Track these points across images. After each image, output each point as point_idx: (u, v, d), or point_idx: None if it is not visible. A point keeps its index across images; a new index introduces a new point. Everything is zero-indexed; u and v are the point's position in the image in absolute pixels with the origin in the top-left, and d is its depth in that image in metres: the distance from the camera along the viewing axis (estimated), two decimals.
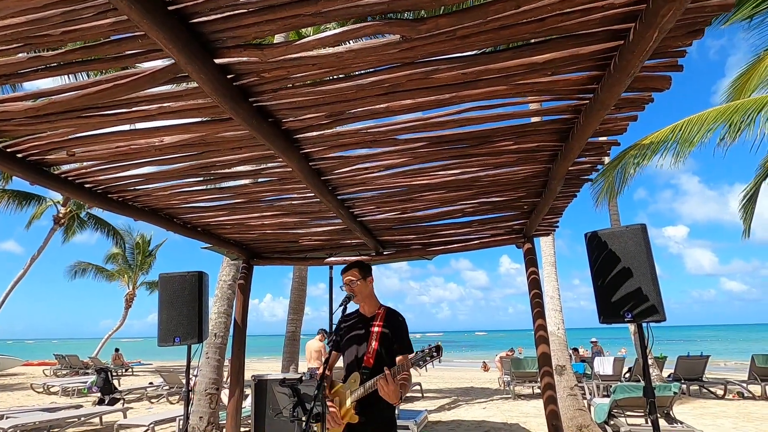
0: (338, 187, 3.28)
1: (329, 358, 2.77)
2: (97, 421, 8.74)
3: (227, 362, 7.83)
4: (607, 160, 10.01)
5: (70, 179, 3.00)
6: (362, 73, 1.99)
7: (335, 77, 2.02)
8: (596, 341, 15.52)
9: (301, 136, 2.51)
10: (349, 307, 2.77)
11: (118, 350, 20.21)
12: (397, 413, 3.71)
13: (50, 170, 2.87)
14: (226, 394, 6.32)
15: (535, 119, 2.57)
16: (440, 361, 2.52)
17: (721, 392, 10.77)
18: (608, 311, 3.04)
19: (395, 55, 1.83)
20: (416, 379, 13.39)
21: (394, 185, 3.29)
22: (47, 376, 19.45)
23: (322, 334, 10.40)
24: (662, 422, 6.39)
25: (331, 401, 2.69)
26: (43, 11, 1.56)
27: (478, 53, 1.91)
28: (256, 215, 3.89)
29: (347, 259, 4.92)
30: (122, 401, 10.76)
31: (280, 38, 7.11)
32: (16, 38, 1.69)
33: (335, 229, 4.30)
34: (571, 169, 2.95)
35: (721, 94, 9.85)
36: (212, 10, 1.59)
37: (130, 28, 1.62)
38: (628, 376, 11.54)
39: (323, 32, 1.70)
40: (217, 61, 1.81)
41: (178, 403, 11.07)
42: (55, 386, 13.94)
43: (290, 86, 2.05)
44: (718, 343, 52.56)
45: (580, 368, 11.12)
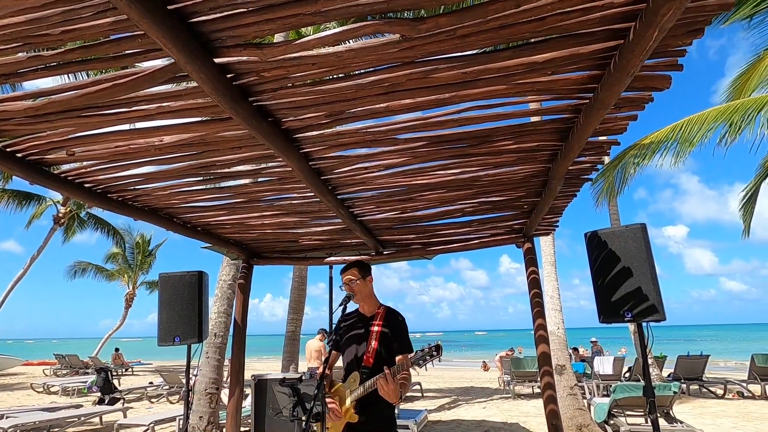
0: (338, 186, 3.28)
1: (329, 357, 2.77)
2: (97, 420, 8.75)
3: (227, 362, 7.83)
4: (607, 159, 10.01)
5: (69, 179, 3.00)
6: (362, 72, 1.99)
7: (335, 77, 2.02)
8: (596, 341, 15.53)
9: (300, 135, 2.51)
10: (348, 306, 2.77)
11: (118, 350, 20.23)
12: (397, 413, 3.71)
13: (50, 170, 2.87)
14: (226, 393, 6.32)
15: (534, 119, 2.57)
16: (440, 360, 2.51)
17: (720, 392, 10.78)
18: (608, 311, 3.04)
19: (395, 54, 1.83)
20: (416, 378, 13.39)
21: (393, 185, 3.29)
22: (47, 375, 19.46)
23: (322, 333, 10.41)
24: (662, 422, 6.39)
25: (331, 398, 2.69)
26: (42, 10, 1.56)
27: (477, 53, 1.91)
28: (255, 215, 3.89)
29: (347, 258, 4.92)
30: (122, 401, 10.76)
31: (279, 38, 7.11)
32: (15, 38, 1.69)
33: (335, 228, 4.30)
34: (571, 168, 2.95)
35: (721, 93, 9.86)
36: (212, 9, 1.58)
37: (129, 27, 1.62)
38: (627, 375, 11.54)
39: (323, 31, 1.69)
40: (216, 60, 1.81)
41: (178, 402, 11.08)
42: (55, 386, 13.95)
43: (290, 86, 2.05)
44: (717, 342, 52.57)
45: (580, 368, 11.13)
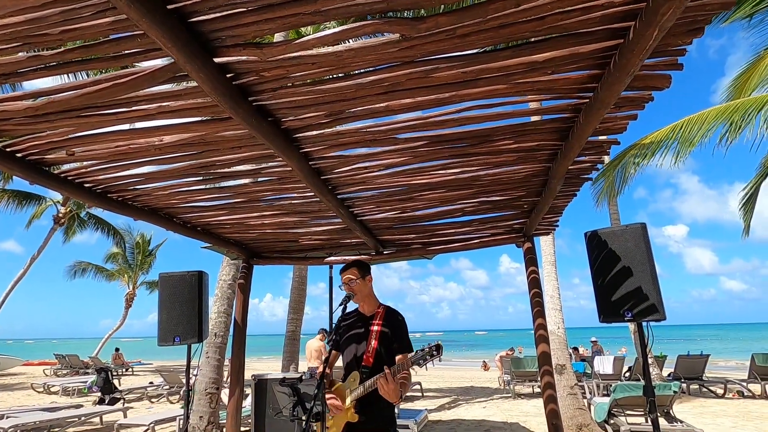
0: (338, 186, 3.28)
1: (329, 357, 2.77)
2: (97, 420, 8.75)
3: (227, 362, 7.83)
4: (607, 159, 10.01)
5: (69, 179, 3.00)
6: (362, 72, 1.99)
7: (335, 76, 2.02)
8: (596, 340, 15.53)
9: (300, 135, 2.51)
10: (348, 306, 2.77)
11: (118, 350, 20.23)
12: (397, 412, 3.71)
13: (50, 170, 2.86)
14: (226, 393, 6.32)
15: (534, 118, 2.56)
16: (440, 360, 2.52)
17: (721, 391, 10.78)
18: (608, 310, 3.04)
19: (395, 54, 1.83)
20: (416, 378, 13.39)
21: (393, 184, 3.29)
22: (47, 375, 19.46)
23: (322, 333, 10.41)
24: (662, 421, 6.39)
25: (331, 394, 2.68)
26: (41, 10, 1.56)
27: (477, 52, 1.91)
28: (255, 215, 3.88)
29: (347, 258, 4.91)
30: (122, 401, 10.76)
31: (279, 37, 7.10)
32: (14, 37, 1.69)
33: (335, 228, 4.30)
34: (571, 168, 2.95)
35: (721, 93, 9.87)
36: (211, 9, 1.58)
37: (129, 27, 1.62)
38: (628, 375, 11.55)
39: (323, 31, 1.69)
40: (216, 60, 1.81)
41: (178, 402, 11.08)
42: (55, 386, 13.96)
43: (290, 85, 2.05)
44: (718, 342, 52.57)
45: (580, 367, 11.13)
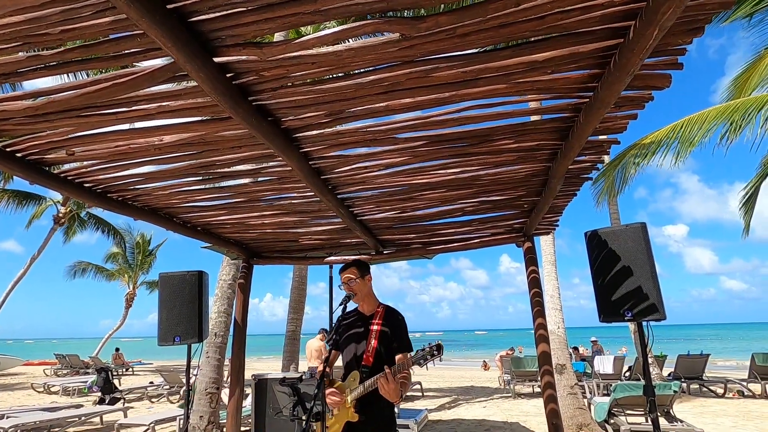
0: (338, 186, 3.28)
1: (329, 356, 2.77)
2: (97, 420, 8.75)
3: (227, 361, 7.83)
4: (607, 159, 10.01)
5: (69, 178, 3.00)
6: (362, 71, 1.99)
7: (335, 76, 2.02)
8: (596, 340, 15.52)
9: (300, 135, 2.51)
10: (348, 305, 2.77)
11: (118, 350, 20.24)
12: (397, 412, 3.71)
13: (50, 170, 2.87)
14: (226, 393, 6.32)
15: (534, 118, 2.56)
16: (441, 359, 2.52)
17: (721, 391, 10.78)
18: (608, 310, 3.03)
19: (395, 53, 1.83)
20: (416, 378, 13.40)
21: (393, 184, 3.29)
22: (48, 375, 19.46)
23: (323, 333, 10.40)
24: (662, 421, 6.39)
25: (332, 389, 2.67)
26: (41, 10, 1.56)
27: (477, 51, 1.91)
28: (255, 214, 3.88)
29: (347, 258, 4.91)
30: (123, 401, 10.75)
31: (279, 37, 7.10)
32: (14, 37, 1.69)
33: (335, 228, 4.30)
34: (571, 167, 2.95)
35: (721, 92, 9.87)
36: (211, 8, 1.58)
37: (128, 26, 1.62)
38: (628, 374, 11.54)
39: (322, 31, 1.69)
40: (216, 59, 1.81)
41: (178, 402, 11.08)
42: (55, 386, 13.95)
43: (290, 85, 2.05)
44: (718, 341, 52.56)
45: (580, 367, 11.13)
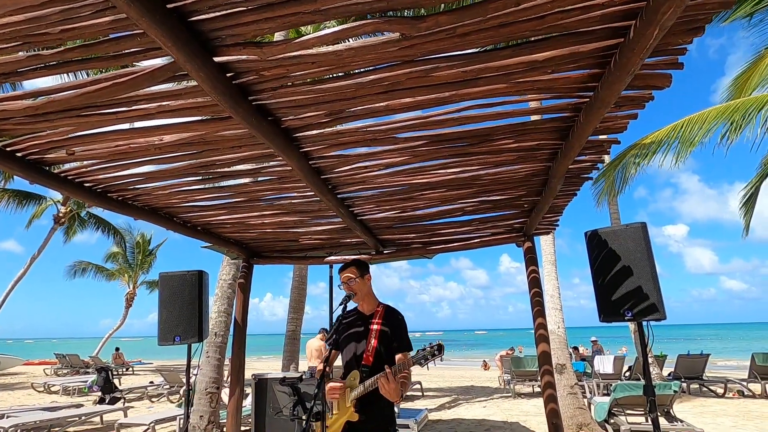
0: (338, 185, 3.28)
1: (329, 356, 2.77)
2: (97, 420, 8.75)
3: (227, 361, 7.83)
4: (607, 158, 10.01)
5: (69, 178, 3.00)
6: (362, 71, 1.99)
7: (335, 75, 2.02)
8: (596, 340, 15.52)
9: (300, 134, 2.51)
10: (348, 305, 2.76)
11: (118, 349, 20.26)
12: (397, 412, 3.71)
13: (50, 169, 2.87)
14: (226, 393, 6.32)
15: (535, 117, 2.56)
16: (442, 359, 2.51)
17: (721, 391, 10.78)
18: (608, 310, 3.03)
19: (395, 53, 1.83)
20: (416, 377, 13.39)
21: (394, 184, 3.29)
22: (48, 375, 19.46)
23: (323, 332, 10.40)
24: (662, 421, 6.39)
25: (332, 382, 2.67)
26: (41, 9, 1.56)
27: (477, 51, 1.91)
28: (255, 214, 3.88)
29: (347, 257, 4.91)
30: (123, 400, 10.75)
31: (279, 36, 7.10)
32: (14, 36, 1.69)
33: (335, 227, 4.30)
34: (571, 167, 2.95)
35: (721, 92, 9.87)
36: (211, 8, 1.58)
37: (128, 26, 1.62)
38: (628, 374, 11.54)
39: (322, 30, 1.69)
40: (216, 59, 1.81)
41: (178, 402, 11.08)
42: (55, 385, 13.96)
43: (290, 84, 2.05)
44: (718, 341, 52.54)
45: (580, 367, 11.13)
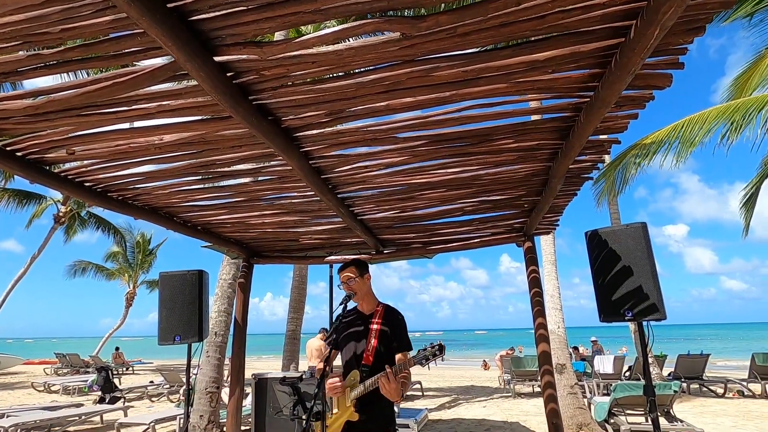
0: (338, 185, 3.28)
1: (328, 355, 2.77)
2: (97, 419, 8.75)
3: (227, 361, 7.83)
4: (607, 158, 10.00)
5: (69, 178, 3.00)
6: (362, 71, 1.99)
7: (335, 75, 2.02)
8: (596, 340, 15.52)
9: (300, 134, 2.51)
10: (348, 305, 2.76)
11: (118, 349, 20.26)
12: (397, 411, 3.71)
13: (50, 169, 2.86)
14: (226, 392, 6.32)
15: (535, 117, 2.56)
16: (443, 359, 2.51)
17: (721, 391, 10.77)
18: (609, 310, 3.03)
19: (395, 52, 1.83)
20: (416, 377, 13.39)
21: (394, 184, 3.29)
22: (48, 374, 19.45)
23: (323, 332, 10.40)
24: (662, 421, 6.39)
25: (333, 378, 2.67)
26: (41, 8, 1.56)
27: (478, 51, 1.91)
28: (256, 214, 3.88)
29: (347, 257, 4.91)
30: (123, 400, 10.76)
31: (279, 36, 7.10)
32: (14, 36, 1.69)
33: (335, 227, 4.30)
34: (571, 167, 2.95)
35: (721, 92, 9.86)
36: (212, 7, 1.58)
37: (129, 25, 1.62)
38: (628, 374, 11.54)
39: (323, 30, 1.69)
40: (216, 58, 1.81)
41: (178, 402, 11.08)
42: (55, 385, 13.97)
43: (290, 84, 2.05)
44: (718, 341, 52.52)
45: (580, 367, 11.13)
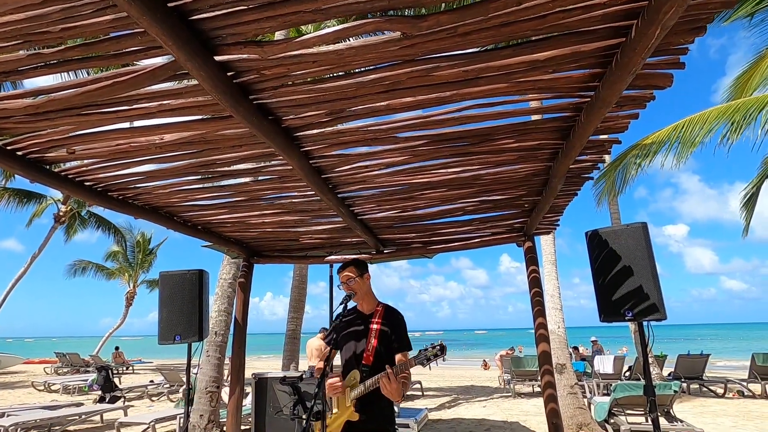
0: (339, 185, 3.27)
1: (328, 355, 2.77)
2: (98, 418, 8.76)
3: (228, 360, 7.84)
4: (607, 158, 10.00)
5: (70, 177, 3.00)
6: (363, 70, 1.98)
7: (335, 75, 2.02)
8: (596, 340, 15.52)
9: (301, 133, 2.51)
10: (348, 305, 2.76)
11: (118, 348, 20.27)
12: (397, 411, 3.71)
13: (50, 168, 2.87)
14: (226, 392, 6.32)
15: (535, 117, 2.56)
16: (444, 360, 2.51)
17: (721, 391, 10.78)
18: (609, 310, 3.03)
19: (396, 52, 1.82)
20: (416, 377, 13.39)
21: (394, 183, 3.29)
22: (48, 374, 19.46)
23: (323, 332, 10.40)
24: (662, 421, 6.39)
25: (333, 378, 2.67)
26: (42, 8, 1.56)
27: (478, 51, 1.90)
28: (256, 213, 3.88)
29: (347, 257, 4.91)
30: (123, 399, 10.76)
31: (280, 35, 7.10)
32: (15, 35, 1.69)
33: (336, 227, 4.30)
34: (572, 167, 2.94)
35: (722, 92, 9.85)
36: (212, 6, 1.58)
37: (129, 25, 1.61)
38: (628, 374, 11.55)
39: (323, 29, 1.69)
40: (217, 58, 1.81)
41: (178, 401, 11.08)
42: (56, 384, 13.98)
43: (290, 84, 2.05)
44: (718, 341, 52.50)
45: (580, 367, 11.13)
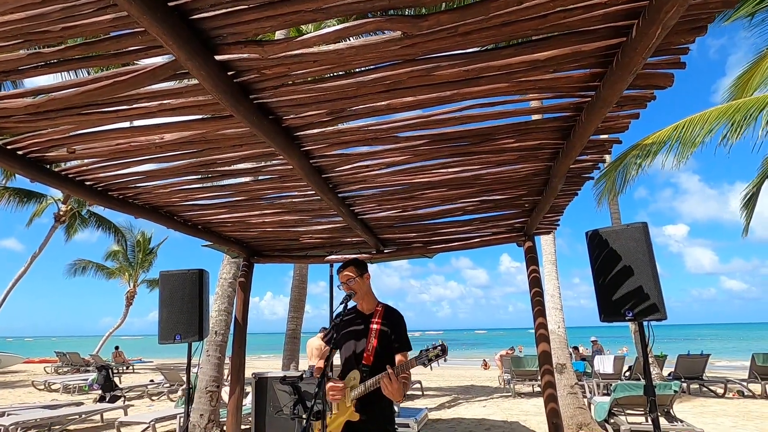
0: (339, 184, 3.27)
1: (328, 355, 2.77)
2: (98, 418, 8.76)
3: (228, 360, 7.84)
4: (608, 158, 9.99)
5: (70, 176, 3.00)
6: (363, 70, 1.98)
7: (336, 74, 2.02)
8: (596, 340, 15.52)
9: (301, 133, 2.51)
10: (348, 304, 2.76)
11: (118, 347, 20.28)
12: (397, 411, 3.71)
13: (50, 167, 2.86)
14: (226, 391, 6.32)
15: (536, 117, 2.56)
16: (445, 360, 2.51)
17: (721, 391, 10.78)
18: (609, 309, 3.03)
19: (396, 52, 1.82)
20: (417, 377, 13.39)
21: (395, 183, 3.29)
22: (48, 373, 19.48)
23: (323, 331, 10.41)
24: (662, 421, 6.39)
25: (333, 381, 2.67)
26: (42, 7, 1.56)
27: (479, 50, 1.90)
28: (256, 213, 3.88)
29: (348, 256, 4.91)
30: (123, 398, 10.78)
31: (280, 35, 7.09)
32: (15, 34, 1.69)
33: (336, 227, 4.30)
34: (572, 167, 2.94)
35: (722, 92, 9.84)
36: (212, 6, 1.58)
37: (129, 24, 1.61)
38: (628, 374, 11.55)
39: (324, 29, 1.69)
40: (217, 57, 1.81)
41: (178, 401, 11.09)
42: (56, 383, 13.98)
43: (291, 83, 2.05)
44: (718, 341, 52.49)
45: (580, 367, 11.13)
